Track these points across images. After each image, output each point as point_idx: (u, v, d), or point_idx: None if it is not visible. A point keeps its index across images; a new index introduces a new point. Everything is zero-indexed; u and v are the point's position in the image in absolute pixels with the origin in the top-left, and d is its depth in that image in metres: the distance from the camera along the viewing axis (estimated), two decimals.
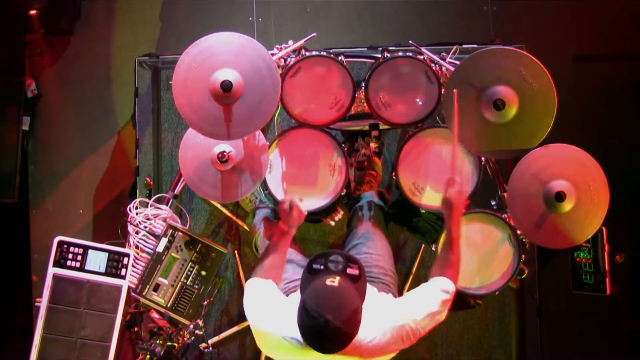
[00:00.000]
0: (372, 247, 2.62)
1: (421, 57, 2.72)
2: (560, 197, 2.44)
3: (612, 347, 3.50)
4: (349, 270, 1.94)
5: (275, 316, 2.06)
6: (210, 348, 3.36)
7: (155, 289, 2.97)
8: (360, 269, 1.96)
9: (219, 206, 3.43)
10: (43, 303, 2.92)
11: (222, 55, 2.42)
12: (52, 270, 2.94)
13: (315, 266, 1.96)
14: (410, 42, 2.83)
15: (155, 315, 3.14)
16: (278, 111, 3.04)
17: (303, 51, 2.75)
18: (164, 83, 3.48)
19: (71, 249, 2.96)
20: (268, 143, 2.82)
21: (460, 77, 2.50)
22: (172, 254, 2.97)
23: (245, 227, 3.41)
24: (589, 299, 3.19)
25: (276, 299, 2.15)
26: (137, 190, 3.36)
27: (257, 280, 2.21)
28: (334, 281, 1.88)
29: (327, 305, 1.83)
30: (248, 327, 3.36)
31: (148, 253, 3.00)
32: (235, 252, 3.40)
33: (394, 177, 2.88)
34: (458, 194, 2.34)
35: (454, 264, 2.25)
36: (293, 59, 2.73)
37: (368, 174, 3.07)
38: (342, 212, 3.03)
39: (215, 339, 3.32)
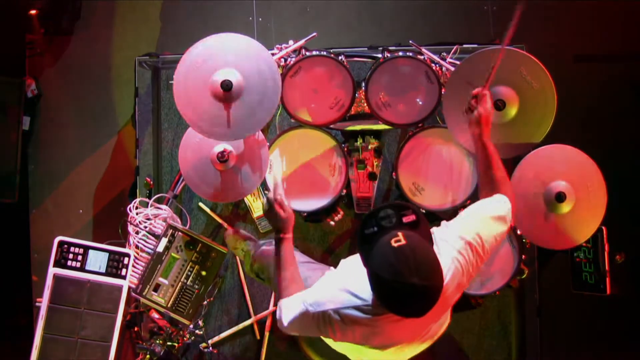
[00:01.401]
0: None
1: (421, 57, 2.72)
2: (560, 197, 2.44)
3: (612, 347, 3.50)
4: (405, 219, 1.75)
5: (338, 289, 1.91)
6: (210, 348, 3.35)
7: (156, 289, 2.97)
8: (415, 212, 1.77)
9: (210, 212, 3.41)
10: (43, 303, 2.93)
11: (223, 55, 2.42)
12: (52, 270, 2.94)
13: (367, 231, 1.76)
14: (410, 42, 2.84)
15: (156, 315, 3.14)
16: (278, 111, 3.05)
17: (303, 51, 2.76)
18: (164, 83, 3.48)
19: (71, 249, 2.96)
20: (268, 143, 2.82)
21: (461, 77, 2.50)
22: (172, 254, 2.97)
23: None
24: (589, 299, 3.19)
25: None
26: (137, 190, 3.36)
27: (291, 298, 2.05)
28: (399, 239, 1.68)
29: (406, 269, 1.64)
30: (248, 327, 3.38)
31: (148, 253, 3.01)
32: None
33: (394, 177, 2.87)
34: (485, 110, 2.22)
35: (502, 180, 2.10)
36: (293, 59, 2.73)
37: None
38: (342, 212, 3.03)
39: (216, 338, 3.32)
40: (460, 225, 1.97)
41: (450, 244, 1.91)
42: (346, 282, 1.91)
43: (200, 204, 3.38)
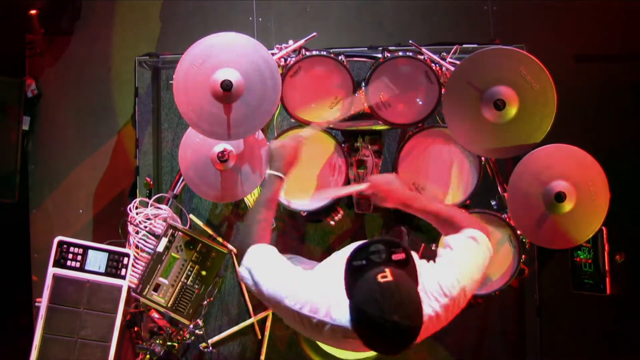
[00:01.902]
0: None
1: (421, 57, 2.72)
2: (560, 197, 2.44)
3: (612, 347, 3.50)
4: (394, 257, 1.72)
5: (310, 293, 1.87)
6: (210, 348, 3.35)
7: (156, 289, 2.97)
8: (405, 250, 1.74)
9: (202, 224, 3.40)
10: (43, 303, 2.93)
11: (223, 55, 2.43)
12: (52, 270, 2.94)
13: (356, 264, 1.73)
14: (410, 42, 2.83)
15: (155, 315, 3.14)
16: (278, 111, 3.04)
17: (303, 51, 2.75)
18: (164, 83, 3.48)
19: (71, 249, 2.96)
20: (268, 143, 2.82)
21: (461, 77, 2.50)
22: (173, 254, 2.98)
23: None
24: (589, 299, 3.19)
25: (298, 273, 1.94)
26: (137, 190, 3.36)
27: (266, 249, 1.99)
28: (385, 275, 1.65)
29: (390, 306, 1.61)
30: (248, 327, 3.38)
31: (148, 253, 3.01)
32: (231, 253, 3.39)
33: None
34: (387, 193, 2.22)
35: (460, 217, 2.08)
36: (293, 59, 2.73)
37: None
38: (342, 212, 3.03)
39: (216, 338, 3.32)
40: (447, 277, 1.92)
41: (434, 297, 1.88)
42: (329, 301, 1.85)
43: (191, 216, 3.35)
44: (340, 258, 1.99)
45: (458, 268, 1.93)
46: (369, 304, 1.64)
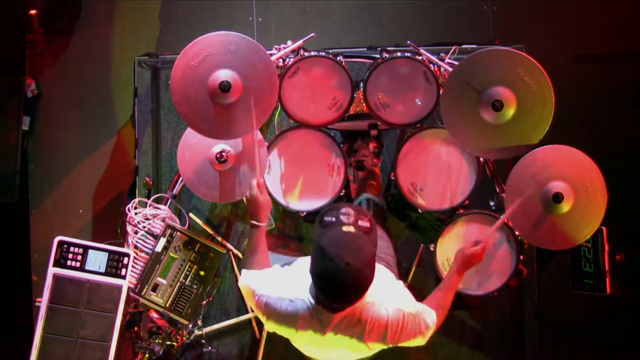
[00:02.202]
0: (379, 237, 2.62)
1: (420, 57, 2.72)
2: (558, 198, 2.43)
3: (612, 347, 3.49)
4: (360, 223, 1.91)
5: (278, 283, 2.07)
6: (210, 348, 3.36)
7: (154, 289, 2.98)
8: (371, 221, 1.94)
9: (201, 223, 3.43)
10: (43, 303, 2.93)
11: (221, 55, 2.42)
12: (52, 270, 2.95)
13: (327, 219, 1.93)
14: (408, 42, 2.83)
15: (154, 315, 3.15)
16: (277, 112, 3.05)
17: (302, 51, 2.75)
18: (164, 83, 3.49)
19: (71, 248, 2.97)
20: (267, 143, 2.82)
21: (459, 77, 2.49)
22: (171, 254, 2.98)
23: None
24: (589, 299, 3.18)
25: (276, 271, 2.17)
26: (136, 190, 3.37)
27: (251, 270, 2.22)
28: (350, 228, 1.88)
29: (347, 249, 1.83)
30: (247, 327, 3.39)
31: (147, 253, 3.01)
32: (230, 253, 3.40)
33: (393, 178, 2.87)
34: (477, 256, 2.37)
35: (445, 308, 2.27)
36: (292, 59, 2.73)
37: (369, 184, 3.06)
38: None
39: (210, 328, 3.30)
40: (406, 297, 2.18)
41: (388, 292, 2.12)
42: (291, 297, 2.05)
43: (191, 215, 3.37)
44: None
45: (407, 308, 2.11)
46: (330, 245, 1.84)
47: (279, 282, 2.11)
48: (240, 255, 3.37)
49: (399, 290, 2.20)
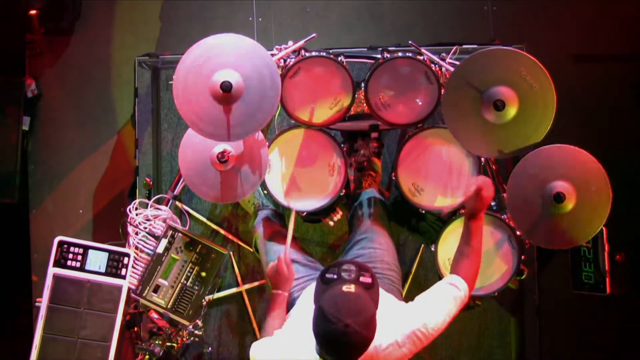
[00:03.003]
0: (376, 241, 2.64)
1: (421, 57, 2.72)
2: (559, 198, 2.43)
3: (612, 347, 3.50)
4: (362, 279, 1.95)
5: (286, 351, 2.08)
6: (210, 349, 3.36)
7: (155, 290, 2.98)
8: (373, 277, 1.98)
9: (203, 219, 3.44)
10: (43, 303, 2.93)
11: (223, 56, 2.42)
12: (52, 270, 2.95)
13: (328, 276, 1.98)
14: (409, 42, 2.83)
15: (155, 316, 3.15)
16: (278, 112, 3.04)
17: (303, 52, 2.75)
18: (164, 83, 3.49)
19: (71, 249, 2.97)
20: (268, 143, 2.82)
21: (460, 77, 2.49)
22: (172, 255, 2.98)
23: (236, 240, 3.45)
24: (589, 299, 3.19)
25: (282, 338, 2.17)
26: (137, 191, 3.36)
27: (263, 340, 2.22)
28: (350, 288, 1.90)
29: (346, 310, 1.85)
30: (249, 328, 3.39)
31: (148, 254, 3.01)
32: (231, 254, 3.40)
33: (394, 178, 2.87)
34: (488, 195, 2.33)
35: (471, 258, 2.28)
36: (293, 60, 2.73)
37: (367, 174, 3.07)
38: (341, 213, 3.03)
39: (212, 297, 3.29)
40: (413, 312, 2.15)
41: (395, 327, 2.09)
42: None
43: (193, 212, 3.38)
44: (299, 313, 2.28)
45: (426, 306, 2.15)
46: (330, 306, 1.86)
47: (287, 349, 2.10)
48: (244, 245, 3.38)
49: (408, 312, 2.17)
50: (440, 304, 2.15)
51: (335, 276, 1.97)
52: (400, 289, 2.55)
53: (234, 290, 3.40)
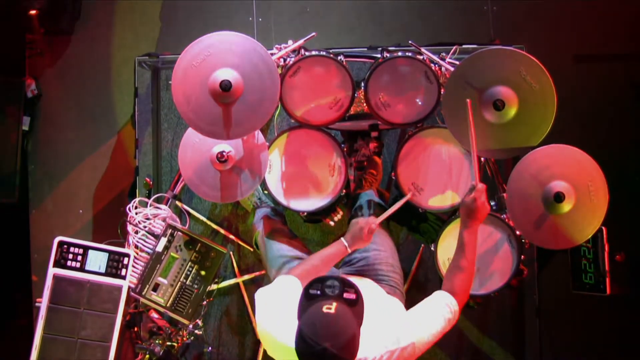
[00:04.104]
0: (379, 243, 2.63)
1: (421, 57, 2.72)
2: (559, 197, 2.43)
3: (612, 347, 3.50)
4: (345, 295, 1.91)
5: (284, 321, 2.04)
6: (210, 348, 3.36)
7: (155, 289, 2.98)
8: (357, 292, 1.93)
9: (203, 218, 3.44)
10: (43, 303, 2.93)
11: (222, 54, 2.42)
12: (52, 271, 2.95)
13: (312, 292, 1.93)
14: (409, 42, 2.84)
15: (155, 315, 3.15)
16: (277, 111, 3.05)
17: (302, 51, 2.75)
18: (164, 83, 3.49)
19: (71, 249, 2.97)
20: (267, 143, 2.82)
21: (460, 77, 2.49)
22: (172, 254, 2.98)
23: (239, 241, 3.45)
24: (589, 299, 3.19)
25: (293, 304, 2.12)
26: (137, 190, 3.37)
27: (291, 278, 2.21)
28: (330, 308, 1.85)
29: (324, 333, 1.80)
30: (248, 327, 3.38)
31: (147, 253, 3.01)
32: (230, 254, 3.40)
33: (394, 178, 2.87)
34: (482, 204, 2.31)
35: (466, 272, 2.25)
36: (292, 59, 2.73)
37: (368, 173, 3.07)
38: (341, 213, 3.03)
39: (216, 286, 3.29)
40: (405, 330, 2.08)
41: (384, 342, 2.03)
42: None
43: (193, 212, 3.38)
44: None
45: (416, 323, 2.10)
46: (308, 327, 1.83)
47: (282, 316, 2.06)
48: (244, 245, 3.39)
49: (402, 325, 2.13)
50: (432, 325, 2.11)
51: (318, 292, 1.92)
52: (402, 290, 2.54)
53: (232, 281, 3.40)
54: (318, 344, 1.79)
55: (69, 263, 2.97)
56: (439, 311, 2.15)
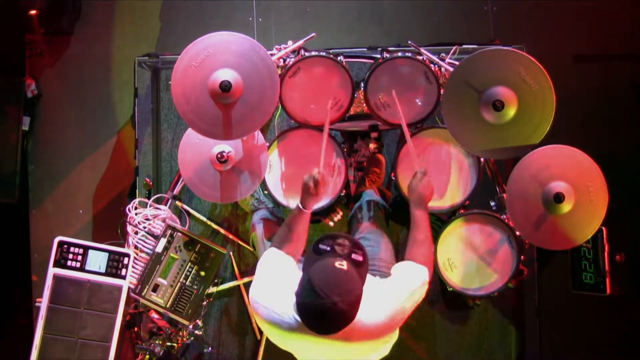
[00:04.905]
0: (375, 240, 2.65)
1: (420, 57, 2.72)
2: (559, 198, 2.44)
3: (612, 347, 3.50)
4: (354, 256, 1.92)
5: (277, 293, 2.04)
6: (210, 349, 3.36)
7: (155, 289, 2.98)
8: (364, 255, 1.95)
9: (202, 218, 3.45)
10: (43, 303, 2.93)
11: (222, 55, 2.42)
12: (52, 271, 2.95)
13: (322, 246, 1.94)
14: (409, 42, 2.83)
15: (155, 316, 3.15)
16: (277, 112, 3.04)
17: (302, 51, 2.75)
18: (164, 83, 3.49)
19: (71, 249, 2.97)
20: (267, 143, 2.82)
21: (460, 77, 2.49)
22: (171, 254, 2.98)
23: (241, 242, 3.45)
24: (589, 299, 3.19)
25: (287, 278, 2.11)
26: (137, 191, 3.37)
27: (278, 252, 2.22)
28: (342, 264, 1.87)
29: (337, 287, 1.82)
30: (248, 328, 3.39)
31: (147, 253, 3.01)
32: (230, 254, 3.40)
33: (393, 178, 2.87)
34: (426, 184, 2.38)
35: (424, 243, 2.28)
36: (292, 59, 2.73)
37: (372, 171, 3.07)
38: (341, 213, 3.03)
39: (215, 288, 3.27)
40: (394, 295, 2.11)
41: (377, 306, 2.05)
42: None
43: (193, 212, 3.39)
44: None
45: (399, 297, 2.11)
46: (320, 279, 1.84)
47: (274, 290, 2.07)
48: (244, 245, 3.40)
49: (391, 288, 2.15)
50: (415, 288, 2.13)
51: (328, 248, 1.93)
52: None
53: (232, 283, 3.40)
54: (328, 297, 1.80)
55: (69, 263, 2.96)
56: (420, 277, 2.17)
